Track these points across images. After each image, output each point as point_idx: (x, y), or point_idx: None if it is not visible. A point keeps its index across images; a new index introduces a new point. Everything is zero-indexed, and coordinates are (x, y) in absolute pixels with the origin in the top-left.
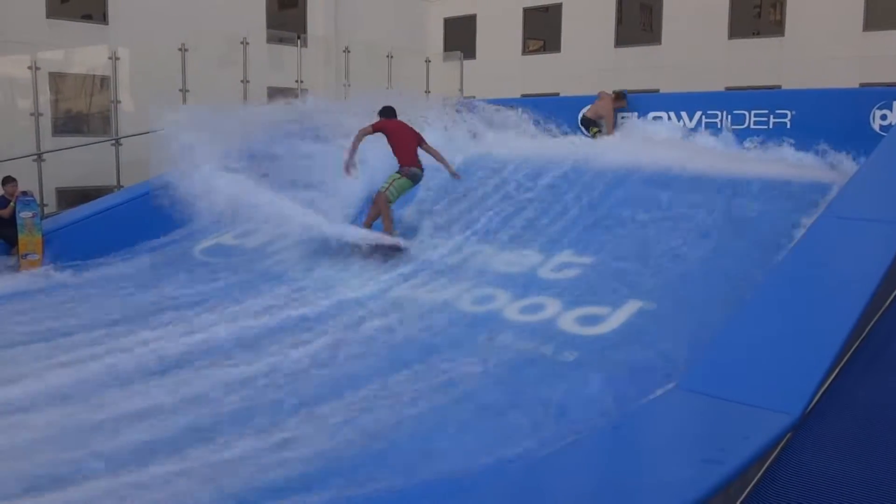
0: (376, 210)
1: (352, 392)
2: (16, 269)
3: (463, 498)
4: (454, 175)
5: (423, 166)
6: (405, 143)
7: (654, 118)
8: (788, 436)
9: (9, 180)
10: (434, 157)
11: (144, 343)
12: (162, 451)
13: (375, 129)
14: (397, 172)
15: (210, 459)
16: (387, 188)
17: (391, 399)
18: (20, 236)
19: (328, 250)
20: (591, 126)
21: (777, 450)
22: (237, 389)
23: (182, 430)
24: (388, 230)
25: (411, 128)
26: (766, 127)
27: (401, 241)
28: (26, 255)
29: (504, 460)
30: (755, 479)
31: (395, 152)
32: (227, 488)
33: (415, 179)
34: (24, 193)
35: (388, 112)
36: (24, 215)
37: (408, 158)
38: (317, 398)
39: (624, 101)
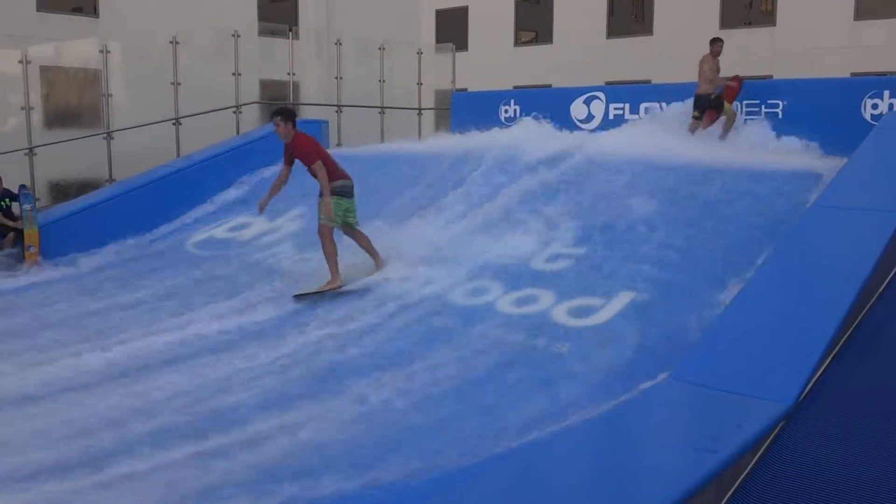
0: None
1: (345, 384)
2: (19, 259)
3: (457, 489)
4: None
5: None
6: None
7: (647, 109)
8: (781, 424)
9: None
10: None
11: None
12: (185, 433)
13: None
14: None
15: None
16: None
17: (382, 392)
18: (25, 230)
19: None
20: (709, 106)
21: (770, 438)
22: (233, 382)
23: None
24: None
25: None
26: (757, 117)
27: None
28: (29, 246)
29: (496, 452)
30: (749, 468)
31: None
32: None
33: (350, 192)
34: (23, 187)
35: (292, 116)
36: (26, 207)
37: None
38: (311, 389)
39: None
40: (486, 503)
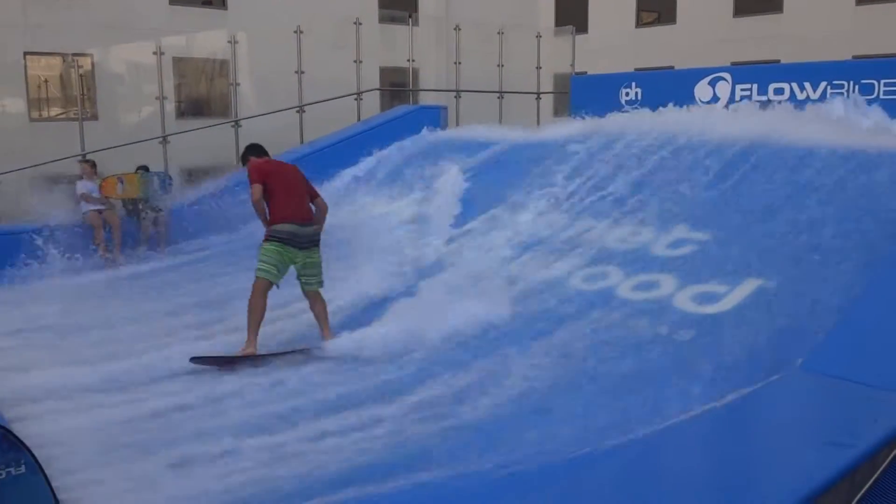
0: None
1: (464, 364)
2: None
3: (579, 475)
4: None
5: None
6: (289, 189)
7: (776, 90)
8: None
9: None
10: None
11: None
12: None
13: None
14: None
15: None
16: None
17: (503, 375)
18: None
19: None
20: None
21: None
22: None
23: None
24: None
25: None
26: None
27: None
28: (122, 179)
29: (620, 439)
30: (885, 464)
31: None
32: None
33: (295, 240)
34: (144, 167)
35: (259, 150)
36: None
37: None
38: (431, 370)
39: None
40: (604, 492)
